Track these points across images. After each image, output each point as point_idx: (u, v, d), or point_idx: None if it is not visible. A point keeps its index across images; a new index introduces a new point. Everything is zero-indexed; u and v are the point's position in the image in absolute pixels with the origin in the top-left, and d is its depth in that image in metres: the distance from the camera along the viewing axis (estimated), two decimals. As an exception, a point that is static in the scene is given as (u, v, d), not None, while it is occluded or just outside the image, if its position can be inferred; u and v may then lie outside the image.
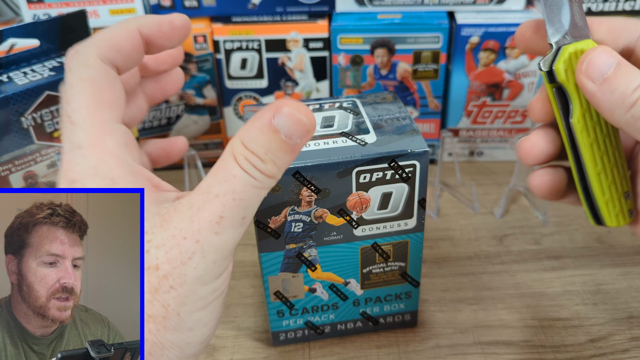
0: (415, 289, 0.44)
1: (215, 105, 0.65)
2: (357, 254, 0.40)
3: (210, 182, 0.27)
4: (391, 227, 0.39)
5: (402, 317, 0.45)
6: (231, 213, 0.27)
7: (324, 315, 0.44)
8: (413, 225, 0.40)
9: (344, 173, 0.36)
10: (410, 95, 0.63)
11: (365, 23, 0.60)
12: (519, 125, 0.65)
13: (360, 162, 0.36)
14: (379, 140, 0.37)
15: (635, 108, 0.29)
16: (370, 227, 0.39)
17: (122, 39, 0.31)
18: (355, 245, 0.40)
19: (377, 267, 0.42)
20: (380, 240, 0.40)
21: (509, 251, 0.54)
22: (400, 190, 0.37)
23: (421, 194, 0.38)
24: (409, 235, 0.40)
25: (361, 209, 0.38)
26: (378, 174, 0.36)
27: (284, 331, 0.44)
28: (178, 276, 0.27)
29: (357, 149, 0.36)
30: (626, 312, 0.47)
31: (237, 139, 0.27)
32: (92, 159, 0.28)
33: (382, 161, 0.36)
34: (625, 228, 0.36)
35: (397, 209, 0.38)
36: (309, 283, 0.41)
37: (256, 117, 0.27)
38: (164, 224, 0.27)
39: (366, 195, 0.37)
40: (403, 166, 0.36)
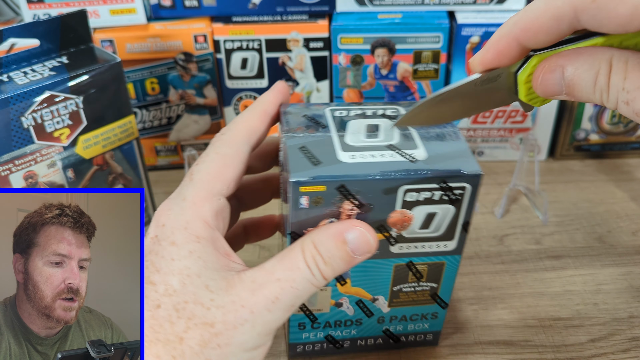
0: (443, 311, 0.42)
1: (215, 105, 0.65)
2: (389, 271, 0.39)
3: (276, 266, 0.31)
4: (429, 248, 0.37)
5: (425, 337, 0.44)
6: (286, 298, 0.30)
7: (346, 331, 0.42)
8: (453, 247, 0.38)
9: (391, 190, 0.34)
10: (411, 95, 0.63)
11: (365, 23, 0.59)
12: (520, 125, 0.65)
13: (410, 180, 0.33)
14: (429, 157, 0.34)
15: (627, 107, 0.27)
16: (408, 246, 0.37)
17: (259, 123, 0.37)
18: (390, 262, 0.38)
19: (409, 286, 0.40)
20: (416, 259, 0.38)
21: (510, 251, 0.54)
22: (446, 211, 0.35)
23: (466, 217, 0.36)
24: (446, 257, 0.38)
25: (402, 227, 0.36)
26: (426, 193, 0.34)
27: (302, 343, 0.42)
28: (227, 337, 0.30)
29: (406, 166, 0.34)
30: (627, 312, 0.47)
31: (309, 237, 0.32)
32: (188, 214, 0.32)
33: (433, 181, 0.34)
34: (625, 228, 0.36)
35: (439, 230, 0.36)
36: (336, 297, 0.40)
37: (332, 225, 0.32)
38: (228, 289, 0.30)
39: (409, 214, 0.35)
40: (453, 187, 0.34)
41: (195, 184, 0.33)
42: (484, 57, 0.29)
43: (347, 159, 0.34)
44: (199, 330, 0.29)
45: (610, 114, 0.65)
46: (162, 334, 0.29)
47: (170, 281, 0.30)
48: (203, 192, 0.33)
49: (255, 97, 0.64)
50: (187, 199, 0.32)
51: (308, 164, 0.33)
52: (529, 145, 0.57)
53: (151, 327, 0.29)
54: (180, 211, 0.32)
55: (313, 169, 0.33)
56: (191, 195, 0.33)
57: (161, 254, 0.31)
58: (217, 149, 0.35)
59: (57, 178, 0.48)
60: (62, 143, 0.48)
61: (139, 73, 0.62)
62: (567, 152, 0.67)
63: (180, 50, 0.61)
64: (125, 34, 0.60)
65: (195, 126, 0.66)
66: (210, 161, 0.34)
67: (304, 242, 0.32)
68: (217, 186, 0.33)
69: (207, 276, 0.30)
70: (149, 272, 0.31)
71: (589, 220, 0.57)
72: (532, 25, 0.27)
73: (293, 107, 0.39)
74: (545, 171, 0.65)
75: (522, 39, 0.28)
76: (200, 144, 0.67)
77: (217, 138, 0.35)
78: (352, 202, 0.34)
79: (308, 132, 0.36)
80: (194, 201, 0.32)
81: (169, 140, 0.67)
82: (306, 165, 0.33)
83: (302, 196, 0.33)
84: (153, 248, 0.31)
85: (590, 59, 0.26)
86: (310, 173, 0.33)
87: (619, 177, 0.64)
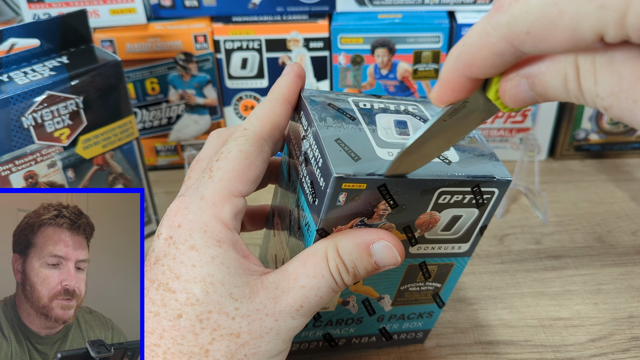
0: (438, 310, 0.42)
1: (215, 105, 0.65)
2: (401, 271, 0.38)
3: (298, 271, 0.31)
4: (445, 249, 0.37)
5: (415, 335, 0.44)
6: (310, 306, 0.30)
7: (345, 329, 0.42)
8: (465, 249, 0.38)
9: (428, 192, 0.33)
10: (411, 95, 0.63)
11: (365, 23, 0.59)
12: (520, 125, 0.65)
13: (447, 183, 0.33)
14: (461, 160, 0.34)
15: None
16: (426, 247, 0.37)
17: (282, 117, 0.34)
18: (405, 262, 0.38)
19: (415, 285, 0.40)
20: (429, 260, 0.38)
21: (510, 251, 0.54)
22: (470, 214, 0.35)
23: (485, 221, 0.36)
24: (456, 258, 0.38)
25: (427, 228, 0.35)
26: (458, 196, 0.34)
27: (298, 342, 0.42)
28: (253, 347, 0.29)
29: (442, 168, 0.33)
30: (626, 312, 0.47)
31: (333, 243, 0.31)
32: (207, 215, 0.30)
33: (467, 184, 0.33)
34: (625, 228, 0.36)
35: (459, 232, 0.36)
36: (344, 295, 0.39)
37: (357, 233, 0.31)
38: (251, 296, 0.30)
39: (437, 216, 0.35)
40: (483, 192, 0.34)
41: (215, 182, 0.31)
42: (439, 95, 0.27)
43: (385, 155, 0.32)
44: (224, 341, 0.28)
45: (610, 114, 0.65)
46: (185, 346, 0.28)
47: (192, 289, 0.28)
48: (224, 191, 0.31)
49: (255, 97, 0.64)
50: (206, 199, 0.30)
51: (348, 159, 0.31)
52: (529, 145, 0.57)
53: (173, 338, 0.28)
54: (199, 211, 0.30)
55: (354, 164, 0.31)
56: (211, 194, 0.31)
57: (179, 258, 0.29)
58: (240, 146, 0.32)
59: (57, 178, 0.48)
60: (62, 143, 0.48)
61: (139, 73, 0.62)
62: (567, 152, 0.67)
63: (180, 50, 0.61)
64: (125, 33, 0.60)
65: (195, 126, 0.66)
66: (233, 159, 0.31)
67: (329, 248, 0.31)
68: (238, 186, 0.31)
69: (231, 283, 0.29)
70: (166, 277, 0.29)
71: (589, 220, 0.57)
72: (474, 61, 0.24)
73: (315, 94, 0.36)
74: (545, 171, 0.65)
75: (469, 74, 0.25)
76: (200, 144, 0.67)
77: (241, 133, 0.33)
78: (388, 202, 0.32)
79: (339, 124, 0.34)
80: (214, 201, 0.30)
81: (169, 140, 0.67)
82: (346, 160, 0.31)
83: (342, 193, 0.31)
84: (169, 251, 0.30)
85: (553, 64, 0.23)
86: (353, 169, 0.30)
87: (619, 177, 0.64)
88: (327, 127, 0.33)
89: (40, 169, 0.47)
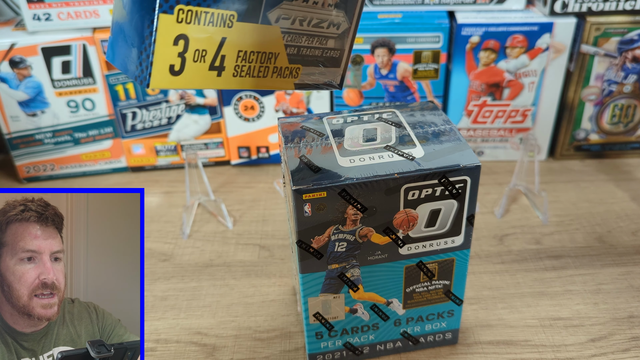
0: (458, 307, 0.42)
1: (215, 105, 0.65)
2: (401, 273, 0.39)
3: None
4: (437, 245, 0.38)
5: (444, 336, 0.44)
6: None
7: (364, 336, 0.42)
8: (460, 242, 0.38)
9: (392, 190, 0.34)
10: (411, 94, 0.63)
11: (365, 23, 0.59)
12: (520, 124, 0.65)
13: (410, 178, 0.34)
14: (427, 154, 0.35)
15: None
16: (416, 246, 0.37)
17: None
18: (400, 264, 0.38)
19: (421, 286, 0.40)
20: (425, 258, 0.38)
21: (510, 251, 0.54)
22: (450, 206, 0.36)
23: (470, 210, 0.36)
24: (455, 252, 0.39)
25: (408, 227, 0.36)
26: (427, 190, 0.34)
27: (321, 353, 0.42)
28: None
29: (405, 164, 0.34)
30: (626, 312, 0.47)
31: None
32: None
33: (433, 177, 0.34)
34: (625, 228, 0.36)
35: (445, 226, 0.37)
36: (350, 304, 0.40)
37: None
38: None
39: (414, 213, 0.35)
40: (453, 182, 0.34)
41: None
42: None
43: (346, 163, 0.34)
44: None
45: (610, 114, 0.65)
46: None
47: None
48: None
49: (255, 97, 0.64)
50: None
51: (308, 172, 0.34)
52: (529, 145, 0.57)
53: None
54: None
55: (313, 176, 0.34)
56: None
57: None
58: None
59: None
60: None
61: (139, 73, 0.62)
62: (567, 152, 0.67)
63: (180, 50, 0.61)
64: (125, 33, 0.59)
65: (195, 126, 0.66)
66: None
67: None
68: None
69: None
70: None
71: (589, 220, 0.57)
72: None
73: (290, 120, 0.40)
74: (545, 171, 0.65)
75: None
76: (200, 144, 0.67)
77: None
78: (355, 206, 0.34)
79: (307, 142, 0.37)
80: None
81: (169, 140, 0.67)
82: (306, 174, 0.34)
83: (305, 204, 0.34)
84: None
85: None
86: (311, 180, 0.33)
87: (619, 177, 0.64)
88: (294, 147, 0.36)
89: None
